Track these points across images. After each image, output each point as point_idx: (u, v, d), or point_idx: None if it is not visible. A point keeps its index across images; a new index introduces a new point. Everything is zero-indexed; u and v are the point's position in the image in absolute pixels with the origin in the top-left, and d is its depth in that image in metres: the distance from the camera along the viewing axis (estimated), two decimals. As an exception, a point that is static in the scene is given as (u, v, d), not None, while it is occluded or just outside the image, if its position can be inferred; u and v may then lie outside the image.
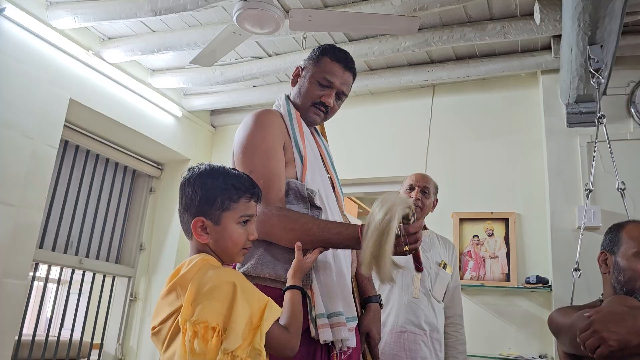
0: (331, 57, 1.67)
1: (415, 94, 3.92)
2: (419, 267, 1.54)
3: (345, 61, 1.69)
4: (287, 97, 1.72)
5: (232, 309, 1.08)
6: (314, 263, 1.44)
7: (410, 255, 1.42)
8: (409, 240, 1.34)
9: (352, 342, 1.50)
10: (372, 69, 3.72)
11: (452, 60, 3.53)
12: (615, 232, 1.70)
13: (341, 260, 1.56)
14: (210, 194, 1.22)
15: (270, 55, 3.62)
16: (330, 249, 1.51)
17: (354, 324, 1.54)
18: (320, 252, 1.42)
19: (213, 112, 4.62)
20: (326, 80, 1.65)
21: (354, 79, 1.74)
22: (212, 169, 1.27)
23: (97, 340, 4.02)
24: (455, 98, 3.79)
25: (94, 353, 4.03)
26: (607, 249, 1.70)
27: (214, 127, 4.64)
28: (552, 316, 1.68)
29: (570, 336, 1.48)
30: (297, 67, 1.73)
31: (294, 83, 1.72)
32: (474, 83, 3.75)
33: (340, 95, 1.70)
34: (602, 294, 1.72)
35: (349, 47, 3.24)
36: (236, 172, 1.29)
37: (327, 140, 1.92)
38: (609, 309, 1.37)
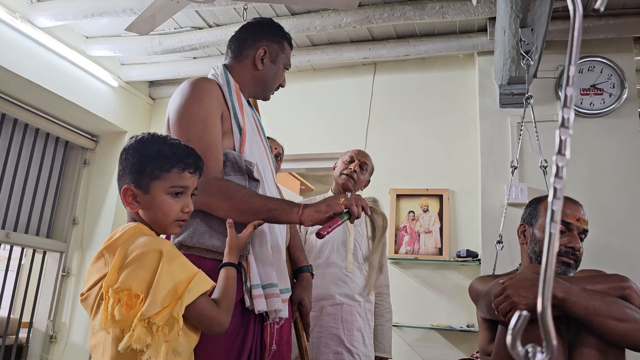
0: (289, 43, 1.77)
1: (357, 71, 3.95)
2: (322, 232, 1.38)
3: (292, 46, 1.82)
4: (225, 66, 1.69)
5: (155, 276, 1.07)
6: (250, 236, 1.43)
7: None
8: (347, 201, 1.38)
9: (284, 312, 1.53)
10: (315, 44, 3.71)
11: (393, 39, 3.57)
12: (534, 205, 1.79)
13: (277, 232, 1.57)
14: (141, 162, 1.19)
15: (210, 26, 3.54)
16: (268, 230, 1.52)
17: (287, 295, 1.57)
18: (255, 226, 1.41)
19: (152, 83, 4.49)
20: (288, 65, 1.76)
21: None
22: (151, 137, 1.24)
23: (27, 318, 3.88)
24: (395, 77, 3.85)
25: (24, 331, 3.91)
26: (526, 221, 1.79)
27: (153, 99, 4.51)
28: (472, 284, 1.77)
29: (486, 302, 1.56)
30: (262, 48, 1.68)
31: (259, 65, 1.67)
32: (414, 62, 3.81)
33: None
34: (520, 264, 1.82)
35: (291, 21, 3.22)
36: (175, 142, 1.25)
37: (259, 114, 1.91)
38: (521, 276, 1.45)
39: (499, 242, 2.50)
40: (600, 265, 1.80)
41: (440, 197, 3.45)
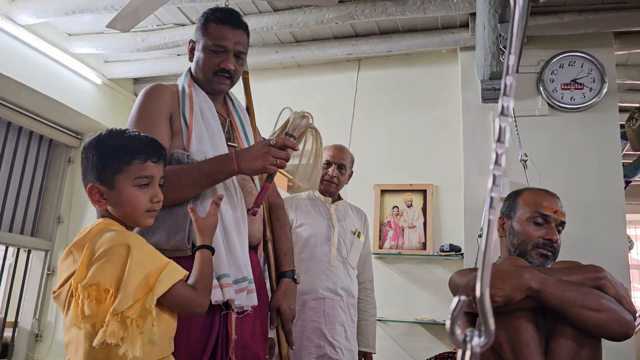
0: (216, 21, 1.63)
1: (342, 67, 3.96)
2: (254, 208, 1.63)
3: (232, 20, 1.65)
4: (189, 70, 1.73)
5: (124, 270, 1.08)
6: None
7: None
8: (278, 154, 1.50)
9: (244, 301, 1.50)
10: (298, 40, 3.71)
11: (376, 35, 3.59)
12: (512, 198, 1.82)
13: (228, 223, 1.55)
14: (101, 158, 1.21)
15: (193, 23, 3.53)
16: (219, 219, 1.51)
17: (244, 284, 1.52)
18: (217, 203, 1.38)
19: (136, 80, 4.46)
20: (218, 46, 1.62)
21: (247, 35, 1.70)
22: (109, 133, 1.25)
23: (12, 317, 3.85)
24: (379, 72, 3.87)
25: (9, 330, 3.88)
26: (504, 214, 1.82)
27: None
28: (451, 278, 1.79)
29: (464, 295, 1.58)
30: (190, 41, 1.71)
31: (191, 58, 1.70)
32: (398, 58, 3.83)
33: (240, 55, 1.67)
34: (500, 257, 1.84)
35: (273, 17, 3.22)
36: (134, 134, 1.26)
37: (252, 112, 1.93)
38: (498, 268, 1.47)
39: (480, 235, 2.53)
40: (577, 257, 1.82)
41: (424, 192, 3.48)
